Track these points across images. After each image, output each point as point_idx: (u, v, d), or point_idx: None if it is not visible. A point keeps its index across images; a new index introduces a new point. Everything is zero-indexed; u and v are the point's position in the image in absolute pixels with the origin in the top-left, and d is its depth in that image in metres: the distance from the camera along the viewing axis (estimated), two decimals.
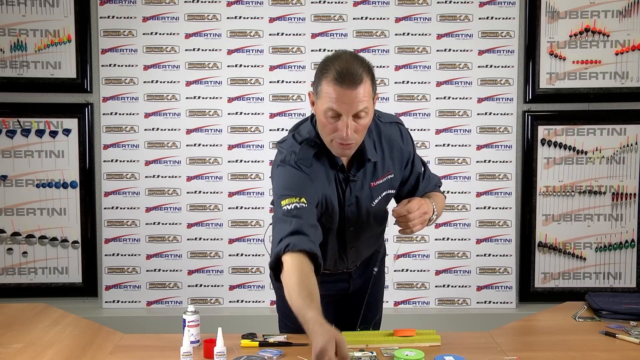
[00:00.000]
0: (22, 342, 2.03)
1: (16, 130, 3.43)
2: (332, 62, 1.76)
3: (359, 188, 1.96)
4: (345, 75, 1.71)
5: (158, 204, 3.47)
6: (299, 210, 1.78)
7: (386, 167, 1.98)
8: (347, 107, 1.72)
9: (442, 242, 3.49)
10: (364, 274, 2.21)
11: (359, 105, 1.73)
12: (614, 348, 1.96)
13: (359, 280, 2.20)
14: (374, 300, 2.29)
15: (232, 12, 3.41)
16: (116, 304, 3.48)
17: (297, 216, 1.78)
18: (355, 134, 1.78)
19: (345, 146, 1.80)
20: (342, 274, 2.17)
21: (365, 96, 1.74)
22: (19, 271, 3.47)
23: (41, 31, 3.39)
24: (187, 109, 3.45)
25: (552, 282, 3.51)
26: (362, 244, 2.11)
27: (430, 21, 3.42)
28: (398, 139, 2.00)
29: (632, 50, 3.41)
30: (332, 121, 1.76)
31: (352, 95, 1.71)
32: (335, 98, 1.72)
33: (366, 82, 1.74)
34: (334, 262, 2.10)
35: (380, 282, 2.33)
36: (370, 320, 2.22)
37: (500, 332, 2.17)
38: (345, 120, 1.74)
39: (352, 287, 2.20)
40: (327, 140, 1.83)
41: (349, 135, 1.75)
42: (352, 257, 2.12)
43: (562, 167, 3.47)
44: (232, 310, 3.45)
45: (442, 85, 3.45)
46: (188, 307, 1.99)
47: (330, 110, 1.74)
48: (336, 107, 1.73)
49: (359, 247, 2.11)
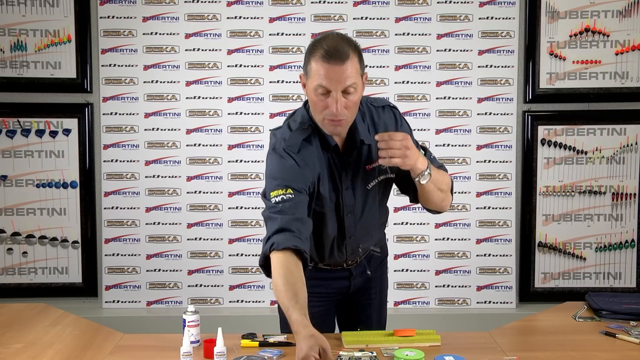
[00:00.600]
0: (22, 342, 2.03)
1: (16, 130, 3.43)
2: (320, 41, 1.82)
3: (354, 171, 1.97)
4: (332, 52, 1.77)
5: (158, 204, 3.47)
6: (285, 203, 1.82)
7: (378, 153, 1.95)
8: (335, 83, 1.78)
9: (442, 242, 3.49)
10: (364, 273, 2.20)
11: (347, 81, 1.78)
12: (614, 348, 1.96)
13: (359, 280, 2.19)
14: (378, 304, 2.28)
15: (232, 12, 3.41)
16: (116, 304, 3.48)
17: (283, 211, 1.82)
18: (345, 110, 1.82)
19: (337, 122, 1.84)
20: (343, 271, 2.16)
21: (353, 72, 1.79)
22: (19, 271, 3.48)
23: (41, 31, 3.39)
24: (187, 109, 3.45)
25: (552, 282, 3.51)
26: (361, 234, 2.09)
27: (430, 21, 3.42)
28: (392, 122, 2.02)
29: (632, 50, 3.41)
30: (322, 98, 1.81)
31: (340, 70, 1.77)
32: (324, 75, 1.77)
33: (353, 59, 1.79)
34: (333, 253, 2.08)
35: (383, 285, 2.31)
36: (374, 323, 2.21)
37: (500, 332, 2.17)
38: (335, 96, 1.79)
39: (353, 287, 2.19)
40: (319, 120, 1.88)
41: (339, 110, 1.80)
42: (352, 248, 2.09)
43: (562, 167, 3.47)
44: (232, 310, 3.45)
45: (442, 85, 3.45)
46: (188, 307, 1.99)
47: (320, 87, 1.80)
48: (325, 84, 1.78)
49: (358, 237, 2.09)
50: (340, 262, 2.13)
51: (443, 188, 1.99)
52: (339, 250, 2.09)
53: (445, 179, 2.01)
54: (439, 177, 1.96)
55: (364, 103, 2.01)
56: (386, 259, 2.35)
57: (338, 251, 2.09)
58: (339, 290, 2.19)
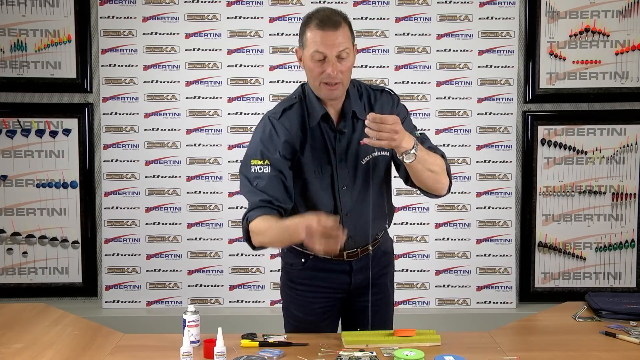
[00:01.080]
0: (22, 342, 2.03)
1: (16, 130, 3.43)
2: (313, 13, 1.99)
3: (347, 144, 2.05)
4: (326, 20, 1.94)
5: (158, 204, 3.47)
6: (261, 177, 2.00)
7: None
8: (330, 47, 1.92)
9: (442, 242, 3.49)
10: (365, 269, 2.15)
11: (340, 46, 1.93)
12: (614, 348, 1.97)
13: (360, 277, 2.16)
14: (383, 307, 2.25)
15: (232, 12, 3.41)
16: (116, 304, 3.48)
17: (259, 188, 1.99)
18: (340, 74, 1.94)
19: (333, 87, 1.96)
20: (343, 264, 2.14)
21: (345, 39, 1.94)
22: (19, 271, 3.48)
23: (41, 31, 3.39)
24: (187, 109, 3.45)
25: (552, 282, 3.51)
26: (359, 214, 2.09)
27: (430, 21, 3.42)
28: (389, 105, 2.10)
29: (632, 50, 3.41)
30: (318, 64, 1.94)
31: (333, 36, 1.92)
32: (319, 41, 1.92)
33: (345, 27, 1.96)
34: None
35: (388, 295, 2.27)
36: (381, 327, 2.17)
37: (500, 332, 2.17)
38: (331, 60, 1.92)
39: (354, 283, 2.16)
40: (315, 86, 1.99)
41: (334, 72, 1.92)
42: (349, 228, 1.99)
43: (562, 167, 3.47)
44: (232, 310, 3.45)
45: (442, 85, 3.45)
46: (188, 307, 1.99)
47: (316, 52, 1.93)
48: (321, 49, 1.92)
49: (355, 217, 2.08)
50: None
51: (434, 169, 1.99)
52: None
53: (437, 160, 2.02)
54: (428, 157, 1.96)
55: (362, 86, 2.13)
56: (392, 265, 2.30)
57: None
58: (340, 286, 2.17)
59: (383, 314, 2.24)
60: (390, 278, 2.30)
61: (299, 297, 2.18)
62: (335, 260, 2.12)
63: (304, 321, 2.18)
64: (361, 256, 2.15)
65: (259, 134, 2.06)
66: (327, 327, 2.20)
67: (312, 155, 2.03)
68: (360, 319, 2.19)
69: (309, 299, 2.16)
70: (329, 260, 2.11)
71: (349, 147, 2.05)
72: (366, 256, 2.16)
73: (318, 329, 2.15)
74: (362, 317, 2.18)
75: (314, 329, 2.15)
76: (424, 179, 2.00)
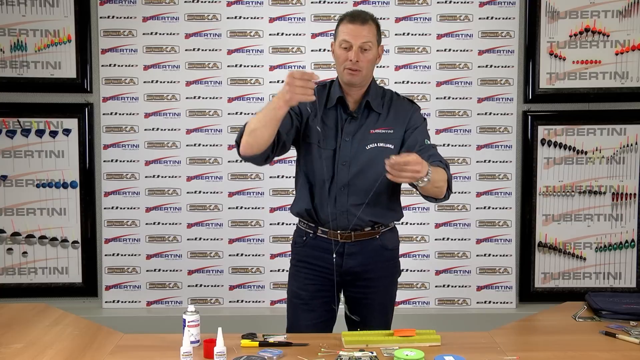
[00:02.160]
0: (22, 342, 2.03)
1: (16, 130, 3.43)
2: (348, 12, 2.25)
3: (357, 128, 2.24)
4: (355, 15, 2.21)
5: (158, 204, 3.47)
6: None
7: (387, 123, 2.25)
8: (355, 37, 2.16)
9: (442, 242, 3.49)
10: (358, 254, 2.23)
11: (364, 38, 2.16)
12: (614, 348, 1.97)
13: (351, 261, 2.23)
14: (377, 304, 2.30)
15: (232, 12, 3.41)
16: (116, 304, 3.48)
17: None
18: (361, 63, 2.16)
19: (354, 72, 2.17)
20: (336, 244, 2.21)
21: (370, 34, 2.18)
22: (19, 271, 3.48)
23: (41, 31, 3.39)
24: (187, 109, 3.45)
25: (552, 282, 3.51)
26: (354, 192, 2.19)
27: (430, 21, 3.42)
28: (405, 109, 2.28)
29: (632, 50, 3.41)
30: (344, 52, 2.18)
31: (360, 29, 2.17)
32: (347, 32, 2.17)
33: (372, 25, 2.20)
34: (324, 200, 2.20)
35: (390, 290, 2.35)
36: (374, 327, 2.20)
37: (500, 332, 2.17)
38: (355, 49, 2.15)
39: (345, 266, 2.24)
40: (340, 70, 2.22)
41: (356, 59, 2.15)
42: (342, 203, 2.20)
43: (562, 167, 3.47)
44: (232, 310, 3.45)
45: (442, 85, 3.45)
46: (188, 307, 1.99)
47: (343, 41, 2.17)
48: (348, 38, 2.17)
49: (350, 195, 2.19)
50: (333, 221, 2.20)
51: (439, 185, 2.10)
52: (329, 198, 2.19)
53: (442, 176, 2.11)
54: (435, 176, 2.05)
55: (390, 90, 2.34)
56: (394, 264, 2.35)
57: (329, 199, 2.19)
58: (330, 266, 2.22)
59: (378, 311, 2.30)
60: (389, 275, 2.34)
61: (296, 273, 2.33)
62: (331, 240, 2.22)
63: (297, 295, 2.29)
64: (355, 240, 2.23)
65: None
66: (320, 307, 2.27)
67: (322, 128, 2.22)
68: (359, 309, 2.28)
69: (302, 275, 2.30)
70: (325, 239, 2.23)
71: (357, 132, 2.23)
72: (361, 242, 2.24)
73: (310, 308, 2.26)
74: (361, 307, 2.28)
75: (306, 306, 2.26)
76: (429, 193, 2.13)
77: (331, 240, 2.22)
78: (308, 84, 1.96)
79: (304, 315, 2.27)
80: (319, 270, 2.26)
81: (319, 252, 2.25)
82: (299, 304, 2.29)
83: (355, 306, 2.29)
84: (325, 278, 2.25)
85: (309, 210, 2.25)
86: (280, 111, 2.02)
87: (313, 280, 2.27)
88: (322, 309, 2.27)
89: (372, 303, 2.28)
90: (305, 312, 2.27)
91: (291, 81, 1.95)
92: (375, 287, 2.28)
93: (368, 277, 2.26)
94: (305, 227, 2.30)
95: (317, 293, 2.26)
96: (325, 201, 2.22)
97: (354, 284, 2.27)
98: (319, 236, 2.26)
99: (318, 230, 2.26)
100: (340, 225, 2.22)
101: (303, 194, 2.26)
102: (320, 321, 2.27)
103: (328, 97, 2.27)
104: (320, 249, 2.25)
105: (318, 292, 2.26)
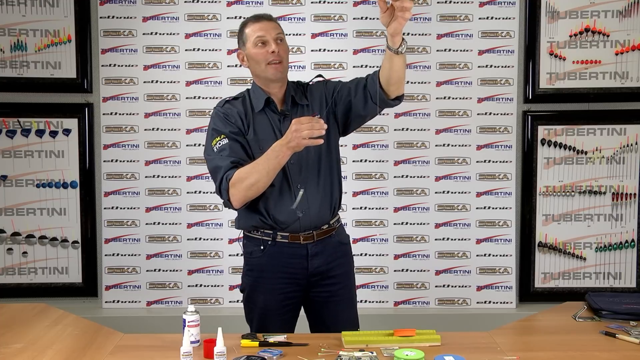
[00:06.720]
0: (22, 342, 2.03)
1: (16, 130, 3.43)
2: (249, 17, 2.30)
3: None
4: (259, 15, 2.27)
5: (158, 204, 3.47)
6: (224, 149, 2.18)
7: (312, 110, 2.29)
8: (268, 31, 2.22)
9: (442, 242, 3.49)
10: (322, 253, 2.26)
11: (277, 30, 2.24)
12: (614, 348, 1.97)
13: (317, 261, 2.26)
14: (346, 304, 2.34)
15: (232, 12, 3.41)
16: (116, 304, 3.48)
17: (225, 155, 2.16)
18: (282, 53, 2.22)
19: (277, 65, 2.21)
20: (299, 247, 2.24)
21: (279, 27, 2.26)
22: (19, 271, 3.48)
23: (41, 31, 3.39)
24: (187, 109, 3.45)
25: (552, 282, 3.51)
26: (309, 187, 2.22)
27: (430, 21, 3.42)
28: (321, 88, 2.34)
29: (632, 50, 3.41)
30: (261, 48, 2.21)
31: (270, 24, 2.24)
32: (259, 28, 2.22)
33: (277, 22, 2.28)
34: (285, 208, 2.20)
35: (350, 283, 2.38)
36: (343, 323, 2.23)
37: (500, 332, 2.17)
38: (271, 41, 2.20)
39: (311, 268, 2.26)
40: (262, 69, 2.23)
41: (277, 49, 2.19)
42: (302, 203, 2.18)
43: (562, 167, 3.47)
44: (232, 310, 3.45)
45: (442, 85, 3.45)
46: (188, 307, 2.00)
47: (257, 38, 2.21)
48: (262, 33, 2.21)
49: (307, 191, 2.20)
50: (294, 224, 2.21)
51: (404, 67, 2.10)
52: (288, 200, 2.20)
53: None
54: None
55: (300, 82, 2.40)
56: (349, 257, 2.40)
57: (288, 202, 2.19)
58: (299, 271, 2.25)
59: (346, 305, 2.34)
60: (349, 269, 2.39)
61: (262, 284, 2.28)
62: (292, 244, 2.24)
63: (264, 307, 2.28)
64: (317, 240, 2.26)
65: (210, 124, 2.27)
66: (287, 314, 2.29)
67: (259, 137, 2.22)
68: (325, 311, 2.30)
69: (270, 286, 2.27)
70: (286, 244, 2.24)
71: None
72: (322, 241, 2.27)
73: (277, 319, 2.26)
74: (326, 308, 2.30)
75: (273, 317, 2.26)
76: (401, 72, 2.09)
77: (294, 244, 2.24)
78: (315, 126, 2.01)
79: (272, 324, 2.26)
80: (285, 277, 2.26)
81: (284, 258, 2.25)
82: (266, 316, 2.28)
83: (322, 307, 2.32)
84: (292, 284, 2.27)
85: (264, 219, 2.23)
86: (285, 158, 2.08)
87: (281, 290, 2.26)
88: (290, 315, 2.31)
89: (340, 300, 2.32)
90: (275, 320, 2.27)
91: (298, 127, 2.01)
92: (340, 284, 2.32)
93: (333, 274, 2.30)
94: (261, 236, 2.27)
95: (285, 302, 2.28)
96: (285, 206, 2.20)
97: (319, 285, 2.29)
98: (278, 242, 2.25)
99: (277, 236, 2.25)
100: (303, 225, 2.23)
101: (253, 206, 2.22)
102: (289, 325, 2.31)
103: (252, 105, 2.27)
104: (283, 255, 2.25)
105: (287, 300, 2.28)
